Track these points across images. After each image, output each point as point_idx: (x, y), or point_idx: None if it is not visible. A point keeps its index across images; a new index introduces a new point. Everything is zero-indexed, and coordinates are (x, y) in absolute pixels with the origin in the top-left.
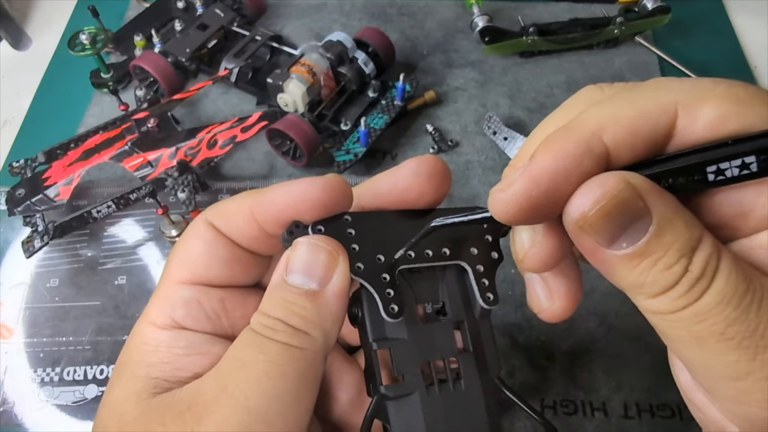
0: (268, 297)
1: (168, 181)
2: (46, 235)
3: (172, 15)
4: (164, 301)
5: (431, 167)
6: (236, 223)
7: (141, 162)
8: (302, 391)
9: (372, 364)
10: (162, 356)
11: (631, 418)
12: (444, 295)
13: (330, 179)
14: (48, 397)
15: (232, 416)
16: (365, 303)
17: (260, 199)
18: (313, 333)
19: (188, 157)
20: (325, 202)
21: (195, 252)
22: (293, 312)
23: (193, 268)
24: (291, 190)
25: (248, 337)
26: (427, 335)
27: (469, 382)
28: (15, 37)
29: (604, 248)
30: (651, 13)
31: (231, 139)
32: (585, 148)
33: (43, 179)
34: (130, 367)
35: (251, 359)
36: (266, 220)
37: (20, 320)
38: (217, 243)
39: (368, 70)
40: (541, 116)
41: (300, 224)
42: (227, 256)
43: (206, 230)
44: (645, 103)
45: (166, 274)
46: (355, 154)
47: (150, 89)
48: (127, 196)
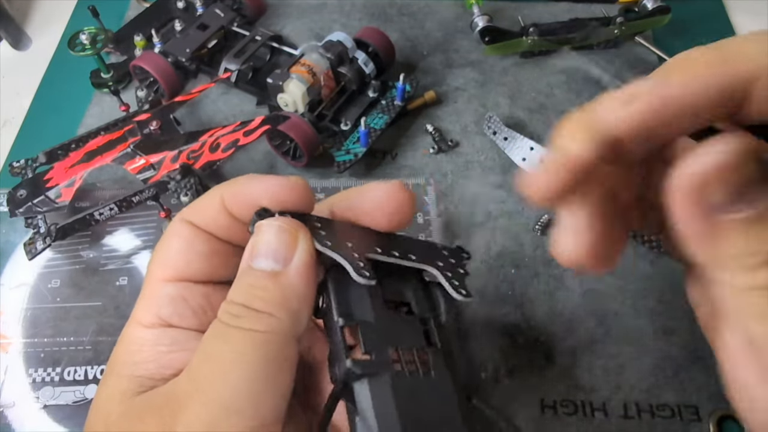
0: (234, 284)
1: (171, 184)
2: (48, 237)
3: (172, 15)
4: (150, 300)
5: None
6: (210, 215)
7: (143, 165)
8: (273, 376)
9: (337, 344)
10: (146, 355)
11: (631, 418)
12: (410, 294)
13: (295, 180)
14: (48, 397)
15: (203, 411)
16: (331, 286)
17: (230, 189)
18: (277, 314)
19: (191, 160)
20: (289, 198)
21: (174, 249)
22: (255, 295)
23: (175, 265)
24: (261, 181)
25: (214, 328)
26: (394, 323)
27: (439, 372)
28: (15, 37)
29: (715, 212)
30: (651, 13)
31: (233, 143)
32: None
33: (45, 180)
34: (116, 368)
35: (217, 351)
36: (237, 208)
37: (21, 321)
38: (195, 239)
39: (368, 70)
40: (541, 116)
41: (268, 210)
42: (206, 250)
43: (183, 228)
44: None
45: (149, 274)
46: (355, 154)
47: (150, 89)
48: (130, 199)
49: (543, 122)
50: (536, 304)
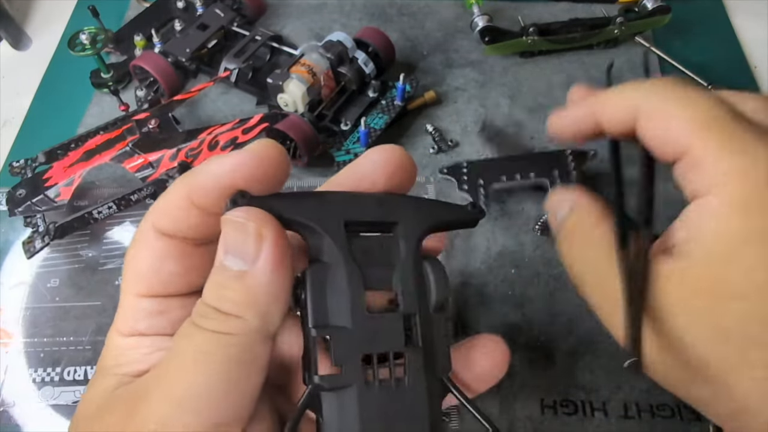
0: (207, 282)
1: (169, 182)
2: (47, 235)
3: (172, 15)
4: (128, 313)
5: (387, 157)
6: (178, 215)
7: (142, 163)
8: (237, 379)
9: (309, 351)
10: (129, 357)
11: (631, 418)
12: (397, 282)
13: (259, 148)
14: (48, 397)
15: (158, 407)
16: (309, 283)
17: (193, 181)
18: (245, 316)
19: (189, 158)
20: (259, 173)
21: (147, 266)
22: (223, 297)
23: (149, 284)
24: (223, 163)
25: (183, 329)
26: (373, 326)
27: (413, 380)
28: (15, 37)
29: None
30: (651, 13)
31: (232, 141)
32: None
33: (44, 180)
34: (102, 370)
35: (182, 349)
36: (206, 201)
37: (20, 320)
38: (167, 252)
39: (368, 70)
40: (541, 116)
41: (246, 194)
42: (180, 265)
43: (154, 238)
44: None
45: (124, 285)
46: (355, 154)
47: (150, 89)
48: (128, 197)
49: (543, 122)
50: (536, 304)
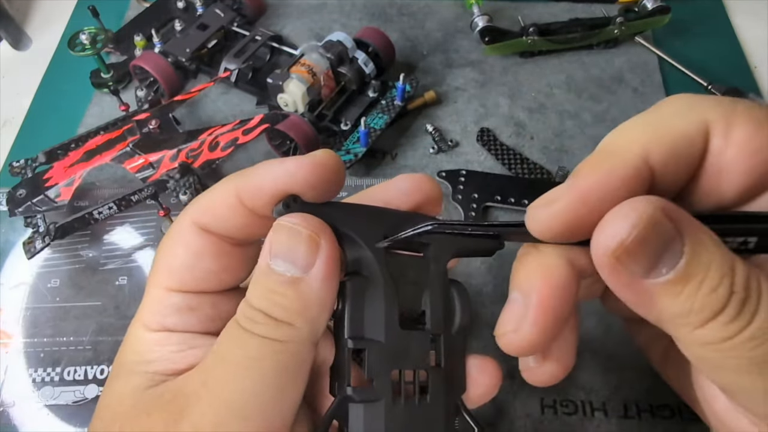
0: (253, 284)
1: (170, 183)
2: (48, 236)
3: (172, 15)
4: (155, 307)
5: (415, 186)
6: (223, 214)
7: (142, 163)
8: (285, 385)
9: (342, 362)
10: (157, 354)
11: (631, 418)
12: (426, 303)
13: (319, 156)
14: (48, 397)
15: (209, 411)
16: (348, 294)
17: (245, 181)
18: (296, 323)
19: (190, 158)
20: (315, 180)
21: (181, 261)
22: (275, 302)
23: (182, 279)
24: (280, 165)
25: (231, 331)
26: (403, 342)
27: (434, 398)
28: (15, 37)
29: (643, 279)
30: (651, 13)
31: (233, 141)
32: (634, 170)
33: (44, 180)
34: (127, 366)
35: (231, 354)
36: (256, 202)
37: (21, 320)
38: (205, 249)
39: (368, 70)
40: (541, 116)
41: (298, 199)
42: (217, 263)
43: (192, 235)
44: (681, 124)
45: (154, 278)
46: (355, 154)
47: (150, 89)
48: (129, 198)
49: (543, 122)
50: None
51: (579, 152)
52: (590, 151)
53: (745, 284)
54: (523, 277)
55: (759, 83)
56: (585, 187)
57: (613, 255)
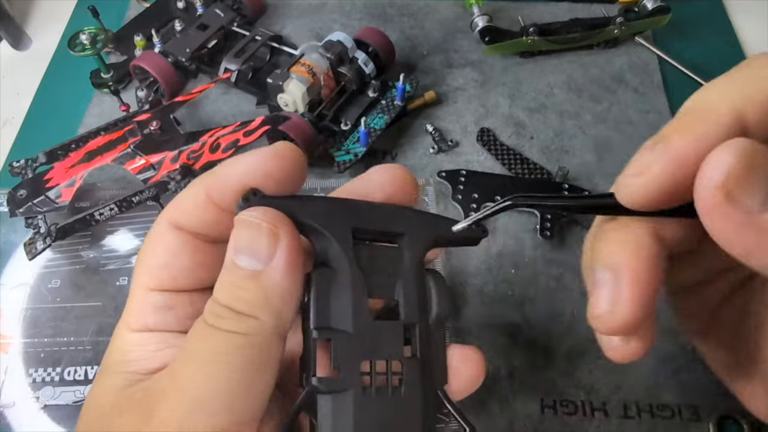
0: (218, 281)
1: (171, 185)
2: (49, 237)
3: (172, 15)
4: (137, 307)
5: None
6: (195, 213)
7: (144, 165)
8: (252, 379)
9: (309, 352)
10: (136, 354)
11: (631, 418)
12: (399, 292)
13: (279, 148)
14: (48, 397)
15: (177, 407)
16: (314, 285)
17: (213, 179)
18: (261, 316)
19: (191, 160)
20: (276, 172)
21: (159, 261)
22: (238, 297)
23: (160, 278)
24: (243, 161)
25: (198, 328)
26: (374, 333)
27: (409, 390)
28: (15, 37)
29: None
30: (651, 13)
31: (233, 143)
32: (730, 130)
33: (45, 180)
34: (110, 366)
35: (197, 350)
36: (224, 199)
37: (21, 321)
38: (181, 247)
39: (368, 70)
40: (541, 116)
41: (258, 192)
42: (192, 260)
43: (168, 234)
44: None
45: (136, 279)
46: (355, 154)
47: (150, 89)
48: (130, 199)
49: (543, 122)
50: (536, 304)
51: (579, 152)
52: (590, 151)
53: None
54: (610, 253)
55: None
56: (680, 151)
57: (723, 189)
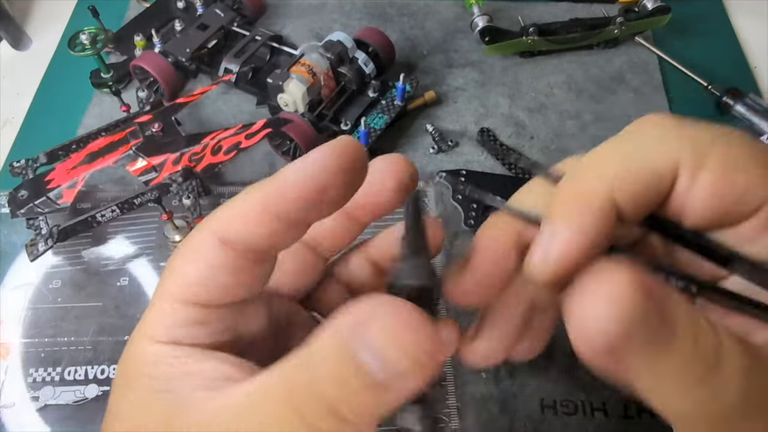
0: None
1: (172, 187)
2: (50, 238)
3: (172, 15)
4: (163, 319)
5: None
6: (247, 225)
7: (145, 166)
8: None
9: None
10: (164, 368)
11: (631, 417)
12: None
13: (341, 143)
14: (48, 397)
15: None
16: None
17: (272, 187)
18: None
19: (192, 162)
20: (342, 173)
21: (198, 274)
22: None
23: (195, 292)
24: (304, 164)
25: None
26: None
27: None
28: (15, 37)
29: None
30: (651, 13)
31: (235, 146)
32: (604, 215)
33: (46, 182)
34: (133, 379)
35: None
36: (284, 208)
37: (21, 321)
38: (224, 265)
39: (368, 70)
40: (541, 116)
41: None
42: (233, 280)
43: (211, 246)
44: (649, 161)
45: (164, 288)
46: None
47: (150, 89)
48: (131, 201)
49: (543, 122)
50: None
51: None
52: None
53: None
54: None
55: (759, 83)
56: (567, 242)
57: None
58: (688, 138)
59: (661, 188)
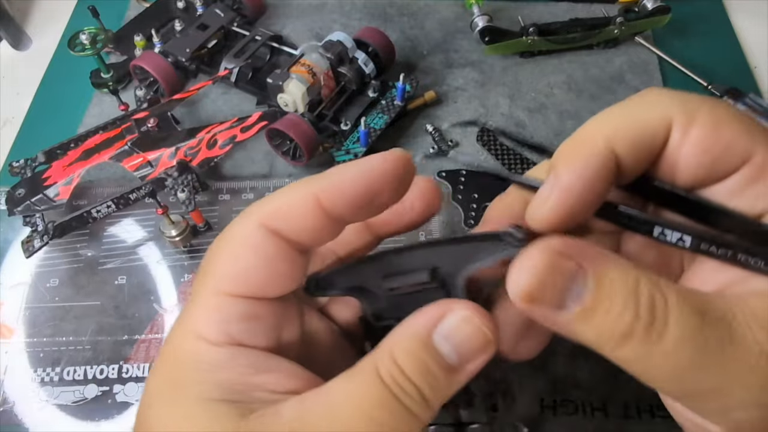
0: (405, 350)
1: (168, 181)
2: (46, 235)
3: (172, 15)
4: (215, 315)
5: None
6: (299, 218)
7: (141, 162)
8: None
9: None
10: (225, 376)
11: (631, 417)
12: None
13: (395, 153)
14: (48, 397)
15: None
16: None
17: (326, 183)
18: (433, 408)
19: (188, 156)
20: (392, 178)
21: (250, 264)
22: (428, 383)
23: (248, 282)
24: (358, 166)
25: (376, 388)
26: None
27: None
28: (15, 37)
29: (557, 314)
30: (651, 13)
31: (231, 139)
32: (603, 161)
33: (43, 179)
34: (187, 388)
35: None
36: (336, 205)
37: (20, 320)
38: (276, 255)
39: (368, 70)
40: (541, 116)
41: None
42: (286, 269)
43: (263, 238)
44: (645, 117)
45: (210, 282)
46: (355, 154)
47: (150, 89)
48: (127, 196)
49: (543, 122)
50: None
51: None
52: None
53: (650, 306)
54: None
55: (759, 83)
56: (567, 182)
57: (523, 301)
58: (679, 100)
59: (655, 143)
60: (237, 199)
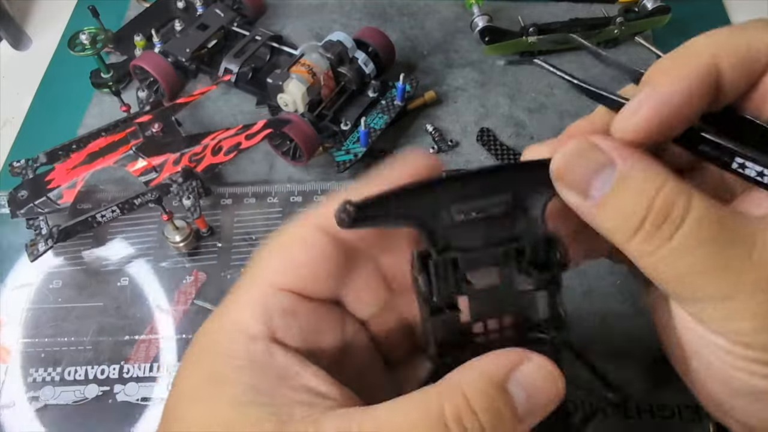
0: (478, 390)
1: (173, 187)
2: (51, 238)
3: (172, 15)
4: (259, 307)
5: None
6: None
7: (145, 167)
8: None
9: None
10: (261, 376)
11: (631, 417)
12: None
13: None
14: (49, 397)
15: None
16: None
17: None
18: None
19: (193, 163)
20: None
21: (301, 258)
22: (494, 426)
23: (298, 276)
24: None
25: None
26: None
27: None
28: (15, 37)
29: (583, 200)
30: (651, 13)
31: (235, 146)
32: (706, 76)
33: (46, 182)
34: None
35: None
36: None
37: (22, 321)
38: (331, 254)
39: (368, 70)
40: (541, 116)
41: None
42: (337, 269)
43: (319, 236)
44: (754, 40)
45: (259, 275)
46: (355, 154)
47: (150, 89)
48: (132, 201)
49: (543, 122)
50: None
51: None
52: None
53: (667, 203)
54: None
55: None
56: (664, 93)
57: (554, 177)
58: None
59: (758, 67)
60: (239, 203)
